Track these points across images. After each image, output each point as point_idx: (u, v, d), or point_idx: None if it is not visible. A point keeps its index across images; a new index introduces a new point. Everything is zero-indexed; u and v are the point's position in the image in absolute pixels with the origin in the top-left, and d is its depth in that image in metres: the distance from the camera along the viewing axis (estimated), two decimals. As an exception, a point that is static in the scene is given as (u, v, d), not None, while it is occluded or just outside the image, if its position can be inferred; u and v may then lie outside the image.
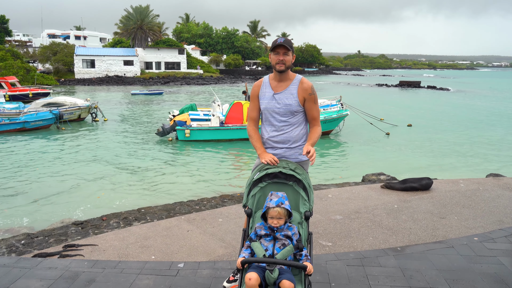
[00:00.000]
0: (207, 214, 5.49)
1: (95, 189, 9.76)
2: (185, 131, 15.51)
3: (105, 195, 9.30)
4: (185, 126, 15.56)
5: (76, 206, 8.44)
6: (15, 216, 7.83)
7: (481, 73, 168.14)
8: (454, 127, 21.27)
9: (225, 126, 15.87)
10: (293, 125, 3.27)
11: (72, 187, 9.88)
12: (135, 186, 10.07)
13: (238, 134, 15.84)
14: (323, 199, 6.07)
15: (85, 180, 10.50)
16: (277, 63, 3.17)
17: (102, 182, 10.35)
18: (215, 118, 15.92)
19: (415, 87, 57.15)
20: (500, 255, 4.14)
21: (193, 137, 15.67)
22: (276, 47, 3.14)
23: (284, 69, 3.19)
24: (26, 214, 7.95)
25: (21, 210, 8.20)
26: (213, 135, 15.92)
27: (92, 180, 10.56)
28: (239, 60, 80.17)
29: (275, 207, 2.76)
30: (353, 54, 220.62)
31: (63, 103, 20.26)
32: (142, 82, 54.96)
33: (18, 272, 3.73)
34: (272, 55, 3.19)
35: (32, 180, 10.51)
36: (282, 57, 3.15)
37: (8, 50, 47.90)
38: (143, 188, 9.91)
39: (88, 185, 10.07)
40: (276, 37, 3.18)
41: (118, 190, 9.69)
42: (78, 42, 74.10)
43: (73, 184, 10.18)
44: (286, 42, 3.13)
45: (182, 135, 15.64)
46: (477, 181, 7.21)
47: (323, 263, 3.94)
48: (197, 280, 3.62)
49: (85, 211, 8.06)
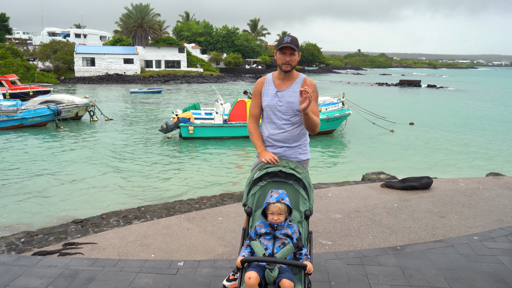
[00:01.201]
0: (207, 213, 5.49)
1: (95, 187, 9.76)
2: (189, 127, 15.60)
3: (105, 193, 9.30)
4: (188, 123, 15.65)
5: (76, 204, 8.44)
6: (15, 214, 7.83)
7: (480, 72, 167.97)
8: (454, 126, 21.27)
9: (228, 124, 15.98)
10: (294, 124, 3.26)
11: (71, 185, 9.88)
12: (135, 184, 10.07)
13: (242, 132, 15.94)
14: (323, 198, 6.07)
15: (84, 178, 10.50)
16: (283, 64, 3.15)
17: (102, 180, 10.35)
18: (218, 115, 16.00)
19: (415, 86, 57.18)
20: (500, 254, 4.14)
21: (197, 134, 15.79)
22: (282, 47, 3.11)
23: (290, 70, 3.18)
24: (26, 212, 7.95)
25: (21, 208, 8.20)
26: (216, 132, 16.03)
27: (92, 178, 10.56)
28: (239, 59, 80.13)
29: (275, 202, 2.76)
30: (353, 53, 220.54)
31: (60, 100, 20.17)
32: (142, 80, 54.92)
33: (18, 270, 3.73)
34: (279, 54, 3.16)
35: (31, 178, 10.51)
36: (288, 58, 3.13)
37: (8, 48, 47.87)
38: (143, 186, 9.91)
39: (87, 183, 10.07)
40: (280, 35, 3.14)
41: (118, 188, 9.69)
42: (78, 40, 74.07)
43: (73, 182, 10.17)
44: (293, 43, 3.09)
45: (186, 132, 15.73)
46: (477, 180, 7.21)
47: (323, 262, 3.94)
48: (197, 278, 3.62)
49: (85, 210, 8.05)
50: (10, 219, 7.58)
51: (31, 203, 8.53)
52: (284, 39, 3.11)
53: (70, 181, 10.22)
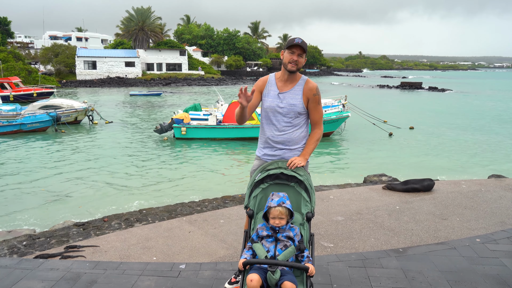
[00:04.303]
0: (208, 215, 5.49)
1: (96, 190, 9.77)
2: (181, 128, 15.79)
3: (106, 196, 9.31)
4: (181, 124, 15.81)
5: (77, 207, 8.45)
6: (17, 218, 7.84)
7: (480, 74, 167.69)
8: (456, 128, 21.24)
9: (221, 125, 16.10)
10: (295, 127, 3.25)
11: (73, 189, 9.89)
12: (136, 187, 10.08)
13: (235, 133, 16.05)
14: (325, 200, 6.06)
15: (85, 182, 10.51)
16: (290, 62, 3.12)
17: (103, 183, 10.36)
18: (212, 116, 16.11)
19: (416, 88, 57.11)
20: (502, 257, 4.12)
21: (189, 135, 15.94)
22: (293, 46, 3.08)
23: (295, 70, 3.15)
24: (28, 216, 7.96)
25: (23, 212, 8.21)
26: (209, 133, 16.14)
27: (93, 181, 10.57)
28: (240, 61, 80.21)
29: (276, 206, 2.76)
30: (355, 55, 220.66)
31: (60, 105, 20.24)
32: (143, 83, 55.03)
33: (20, 273, 3.73)
34: (287, 53, 3.13)
35: (32, 182, 10.52)
36: (296, 58, 3.10)
37: (10, 51, 48.02)
38: (144, 189, 9.91)
39: (89, 186, 10.08)
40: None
41: (119, 191, 9.69)
42: (80, 44, 74.26)
43: (74, 185, 10.19)
44: (304, 45, 3.09)
45: (179, 133, 15.97)
46: (479, 182, 7.19)
47: (324, 264, 3.93)
48: (199, 281, 3.61)
49: (86, 212, 8.06)
50: (12, 222, 7.59)
51: (32, 207, 8.54)
52: (295, 39, 3.10)
53: (70, 185, 10.23)
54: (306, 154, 3.21)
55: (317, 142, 3.27)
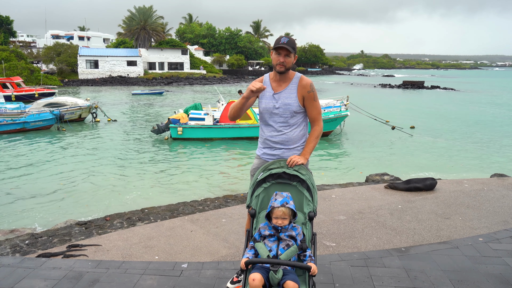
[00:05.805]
0: (210, 215, 5.49)
1: (98, 189, 9.78)
2: (178, 128, 15.81)
3: (108, 195, 9.32)
4: (178, 124, 15.82)
5: (79, 206, 8.46)
6: (19, 217, 7.86)
7: (483, 72, 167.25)
8: (458, 127, 21.18)
9: (218, 125, 16.11)
10: (292, 126, 3.23)
11: (75, 187, 9.90)
12: (138, 186, 10.08)
13: (231, 133, 16.06)
14: (327, 199, 6.06)
15: (88, 180, 10.52)
16: (278, 64, 3.12)
17: (104, 182, 10.37)
18: (209, 116, 16.12)
19: (418, 87, 56.96)
20: (505, 256, 4.11)
21: (186, 135, 15.96)
22: (278, 48, 3.09)
23: (284, 71, 3.15)
24: (30, 215, 7.98)
25: (25, 210, 8.22)
26: (205, 133, 16.15)
27: (95, 180, 10.58)
28: (242, 61, 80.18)
29: (280, 206, 2.76)
30: (357, 54, 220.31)
31: (64, 103, 20.38)
32: (145, 82, 55.07)
33: (22, 272, 3.74)
34: (274, 54, 3.13)
35: (34, 181, 10.55)
36: (283, 59, 3.09)
37: (12, 51, 48.14)
38: (146, 188, 9.92)
39: (91, 185, 10.09)
40: (280, 36, 3.08)
41: (121, 190, 9.70)
42: (82, 43, 74.37)
43: (76, 184, 10.20)
44: (289, 44, 3.06)
45: (175, 133, 15.98)
46: (482, 181, 7.17)
47: (327, 263, 3.93)
48: (201, 280, 3.62)
49: (88, 211, 8.07)
50: (15, 221, 7.61)
51: (34, 206, 8.56)
52: (281, 39, 3.08)
53: (73, 183, 10.25)
54: (306, 153, 3.20)
55: (317, 139, 3.25)
